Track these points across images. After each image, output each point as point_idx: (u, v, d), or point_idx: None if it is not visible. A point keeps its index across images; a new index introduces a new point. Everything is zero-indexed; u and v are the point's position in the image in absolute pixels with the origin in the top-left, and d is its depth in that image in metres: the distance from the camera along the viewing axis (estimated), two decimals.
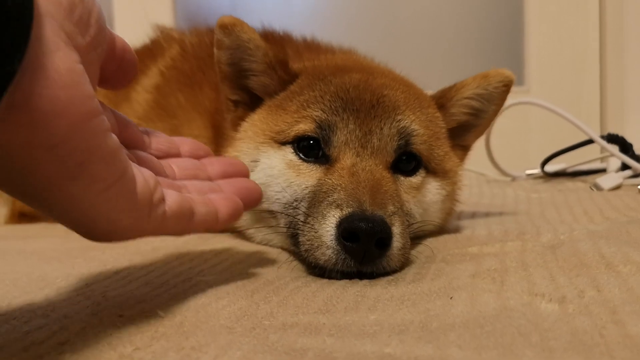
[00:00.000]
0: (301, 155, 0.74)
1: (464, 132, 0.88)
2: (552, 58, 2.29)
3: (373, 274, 0.62)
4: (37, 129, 0.35)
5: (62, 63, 0.36)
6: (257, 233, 0.80)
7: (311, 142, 0.73)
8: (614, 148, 1.31)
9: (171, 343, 0.43)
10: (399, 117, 0.74)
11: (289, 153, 0.74)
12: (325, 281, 0.60)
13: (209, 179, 0.58)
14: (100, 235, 0.44)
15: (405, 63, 0.93)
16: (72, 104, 0.36)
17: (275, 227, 0.74)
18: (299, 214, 0.69)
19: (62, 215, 0.42)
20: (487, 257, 0.65)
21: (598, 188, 1.21)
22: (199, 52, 1.04)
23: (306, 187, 0.71)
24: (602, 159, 1.47)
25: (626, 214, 0.90)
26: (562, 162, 1.44)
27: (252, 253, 0.75)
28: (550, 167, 1.44)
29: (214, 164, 0.60)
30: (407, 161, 0.75)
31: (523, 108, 1.51)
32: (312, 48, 1.00)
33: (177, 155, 0.58)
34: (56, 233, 1.00)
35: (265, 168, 0.75)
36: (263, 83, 0.81)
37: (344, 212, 0.62)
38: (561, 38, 2.28)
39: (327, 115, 0.73)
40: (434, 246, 0.74)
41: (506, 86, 0.84)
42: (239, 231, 0.82)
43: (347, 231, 0.60)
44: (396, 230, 0.64)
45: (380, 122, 0.73)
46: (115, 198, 0.41)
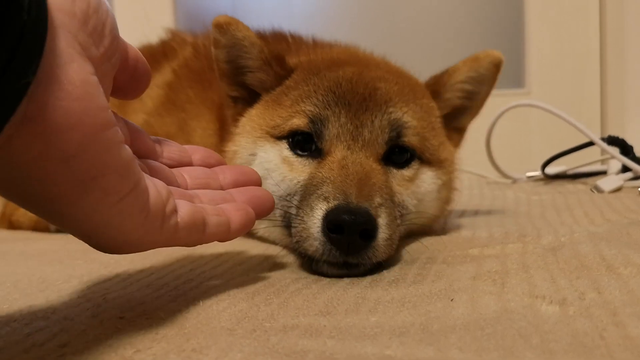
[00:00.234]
0: (295, 150, 0.75)
1: (459, 115, 0.90)
2: (553, 60, 2.29)
3: (359, 265, 0.63)
4: (51, 141, 0.35)
5: (76, 74, 0.35)
6: (258, 226, 0.80)
7: (305, 137, 0.75)
8: (615, 150, 1.31)
9: (172, 345, 0.43)
10: (391, 110, 0.75)
11: (284, 149, 0.76)
12: (325, 283, 0.60)
13: (221, 188, 0.58)
14: (111, 247, 0.44)
15: (405, 63, 0.93)
16: (86, 116, 0.36)
17: (273, 220, 0.75)
18: (292, 207, 0.70)
19: (74, 226, 0.42)
20: (488, 259, 0.65)
21: (599, 190, 1.20)
22: (211, 53, 1.06)
23: (298, 182, 0.72)
24: (603, 161, 1.47)
25: (627, 216, 0.90)
26: (563, 165, 1.44)
27: (253, 255, 0.75)
28: (550, 169, 1.43)
29: (226, 172, 0.59)
30: (400, 153, 0.76)
31: (523, 110, 1.51)
32: (324, 47, 1.00)
33: (189, 163, 0.58)
34: (57, 235, 1.00)
35: (262, 162, 0.77)
36: (260, 79, 0.82)
37: (330, 205, 0.63)
38: (562, 40, 2.28)
39: (320, 109, 0.74)
40: (435, 247, 0.74)
41: (496, 66, 0.86)
42: None
43: (332, 223, 0.61)
44: (382, 221, 0.64)
45: (371, 115, 0.73)
46: (127, 210, 0.41)
